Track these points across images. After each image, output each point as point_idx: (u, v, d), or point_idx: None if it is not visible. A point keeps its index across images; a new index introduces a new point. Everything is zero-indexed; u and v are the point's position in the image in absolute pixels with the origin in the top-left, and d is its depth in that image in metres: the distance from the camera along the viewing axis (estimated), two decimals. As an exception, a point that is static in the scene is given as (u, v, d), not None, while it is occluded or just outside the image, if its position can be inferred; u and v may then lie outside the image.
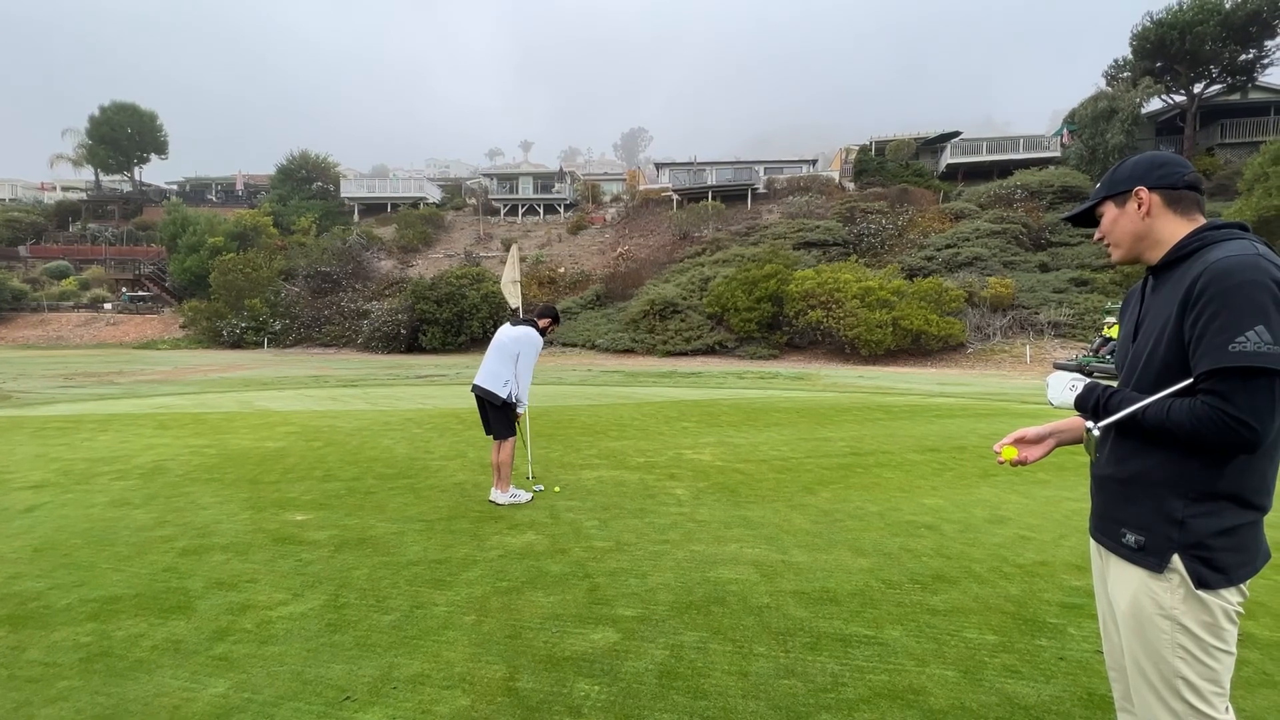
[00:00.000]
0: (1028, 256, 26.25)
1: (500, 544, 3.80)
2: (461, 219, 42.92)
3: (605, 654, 2.52)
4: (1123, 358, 1.47)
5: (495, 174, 48.82)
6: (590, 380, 15.49)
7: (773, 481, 5.31)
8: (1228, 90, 31.26)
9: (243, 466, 5.77)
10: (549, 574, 3.34)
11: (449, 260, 36.19)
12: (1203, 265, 1.24)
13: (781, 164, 44.00)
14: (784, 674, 2.38)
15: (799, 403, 10.71)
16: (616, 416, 8.97)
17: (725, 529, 4.09)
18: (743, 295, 24.43)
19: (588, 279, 32.32)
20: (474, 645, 2.59)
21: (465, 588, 3.16)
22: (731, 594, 3.09)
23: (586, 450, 6.57)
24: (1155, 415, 1.25)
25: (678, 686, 2.30)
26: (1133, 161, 1.42)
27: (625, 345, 25.77)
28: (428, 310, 27.57)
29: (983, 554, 3.65)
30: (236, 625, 2.75)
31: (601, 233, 38.67)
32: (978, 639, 2.65)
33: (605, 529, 4.08)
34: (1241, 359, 1.15)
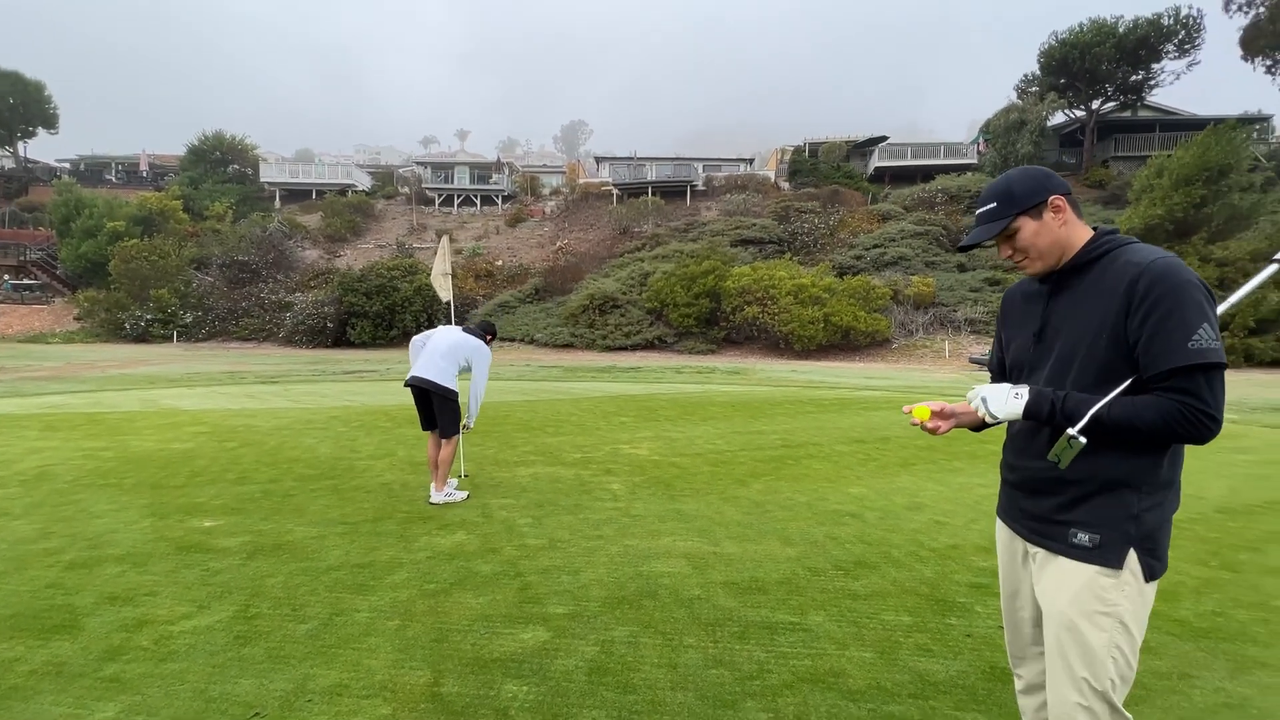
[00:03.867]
0: (947, 257, 27.80)
1: (429, 545, 3.68)
2: (393, 208, 41.29)
3: (535, 653, 2.49)
4: (1023, 359, 1.48)
5: (430, 163, 47.22)
6: (528, 375, 15.27)
7: (707, 475, 5.40)
8: (1121, 108, 34.15)
9: (144, 470, 5.34)
10: (479, 574, 3.27)
11: (380, 251, 34.77)
12: (1136, 267, 1.26)
13: (720, 162, 44.69)
14: (712, 664, 2.42)
15: (734, 397, 10.93)
16: (554, 412, 8.88)
17: (660, 523, 4.12)
18: (682, 291, 24.70)
19: (526, 272, 31.80)
20: (397, 651, 2.49)
21: (390, 592, 3.05)
22: (664, 587, 3.12)
23: (522, 447, 6.47)
24: (1122, 414, 1.23)
25: (607, 682, 2.30)
26: (1026, 175, 1.42)
27: (565, 340, 25.56)
28: (357, 303, 26.40)
29: (901, 539, 3.84)
30: (131, 643, 2.54)
31: (540, 226, 38.13)
32: (894, 621, 2.78)
33: (539, 526, 4.03)
34: (1201, 355, 1.19)
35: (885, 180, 37.06)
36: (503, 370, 16.59)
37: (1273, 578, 3.33)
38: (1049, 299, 1.43)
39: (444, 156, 67.37)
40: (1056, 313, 1.40)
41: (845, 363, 21.84)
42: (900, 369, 19.70)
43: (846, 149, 39.57)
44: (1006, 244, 1.44)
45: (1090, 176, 32.84)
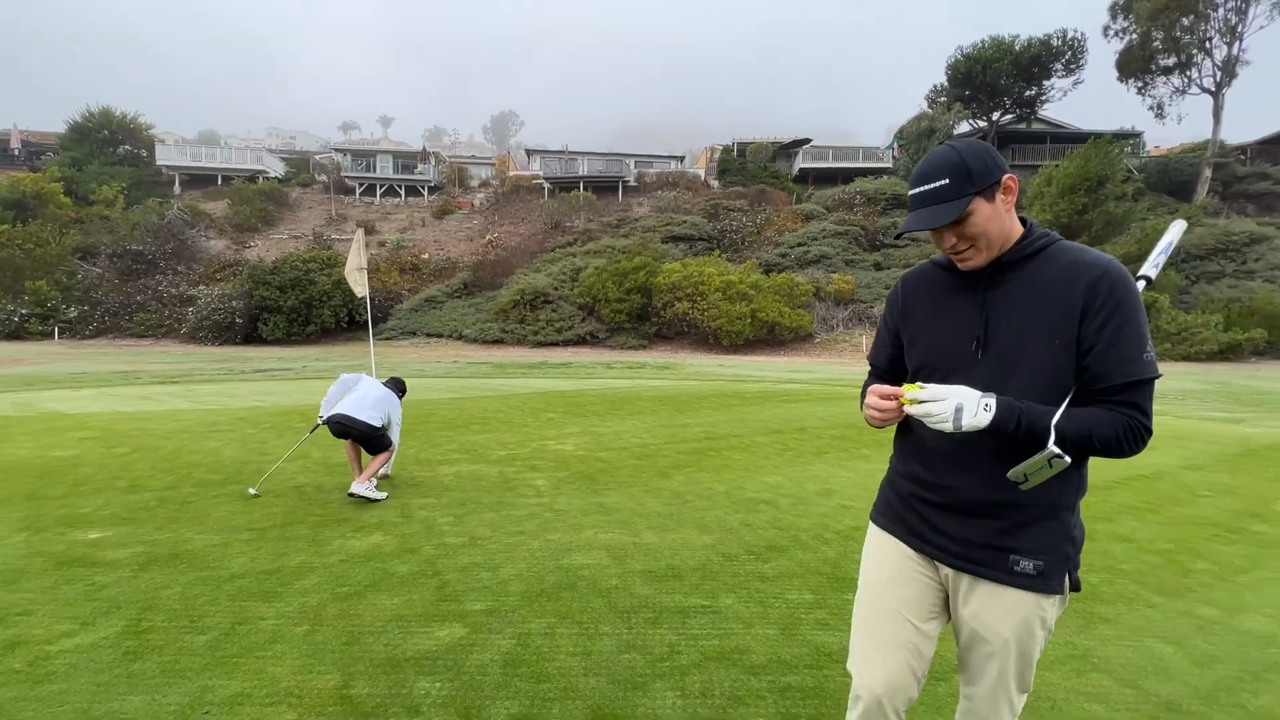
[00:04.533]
0: (865, 256, 29.29)
1: (342, 548, 3.58)
2: (310, 197, 39.09)
3: (449, 650, 2.50)
4: (946, 361, 1.30)
5: (350, 150, 44.97)
6: (455, 373, 14.92)
7: (631, 468, 5.51)
8: (1017, 119, 36.99)
9: (18, 480, 4.88)
10: (395, 575, 3.22)
11: (295, 242, 32.86)
12: (1094, 268, 1.16)
13: (651, 158, 45.04)
14: (626, 649, 2.52)
15: (663, 391, 11.13)
16: (480, 409, 8.75)
17: (582, 516, 4.18)
18: (613, 286, 24.78)
19: (454, 266, 30.95)
20: (305, 657, 2.44)
21: (298, 597, 2.96)
22: (583, 579, 3.19)
23: (446, 445, 6.35)
24: (1080, 429, 1.13)
25: (522, 673, 2.34)
26: (977, 150, 1.22)
27: (495, 336, 25.10)
28: (269, 297, 24.86)
29: (809, 524, 4.08)
30: (2, 666, 2.35)
31: (469, 218, 37.17)
32: (797, 599, 2.97)
33: (459, 525, 4.00)
34: (1152, 368, 1.14)
35: (809, 181, 38.53)
36: (429, 367, 16.12)
37: (1121, 544, 3.78)
38: (984, 295, 1.25)
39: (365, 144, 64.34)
40: (995, 311, 1.24)
41: (770, 357, 22.62)
42: (821, 363, 20.62)
43: (773, 150, 40.82)
44: (952, 231, 1.22)
45: (991, 183, 35.37)
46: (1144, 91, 34.18)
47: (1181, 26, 31.62)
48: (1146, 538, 3.90)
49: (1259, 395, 12.40)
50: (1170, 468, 5.80)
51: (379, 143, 67.06)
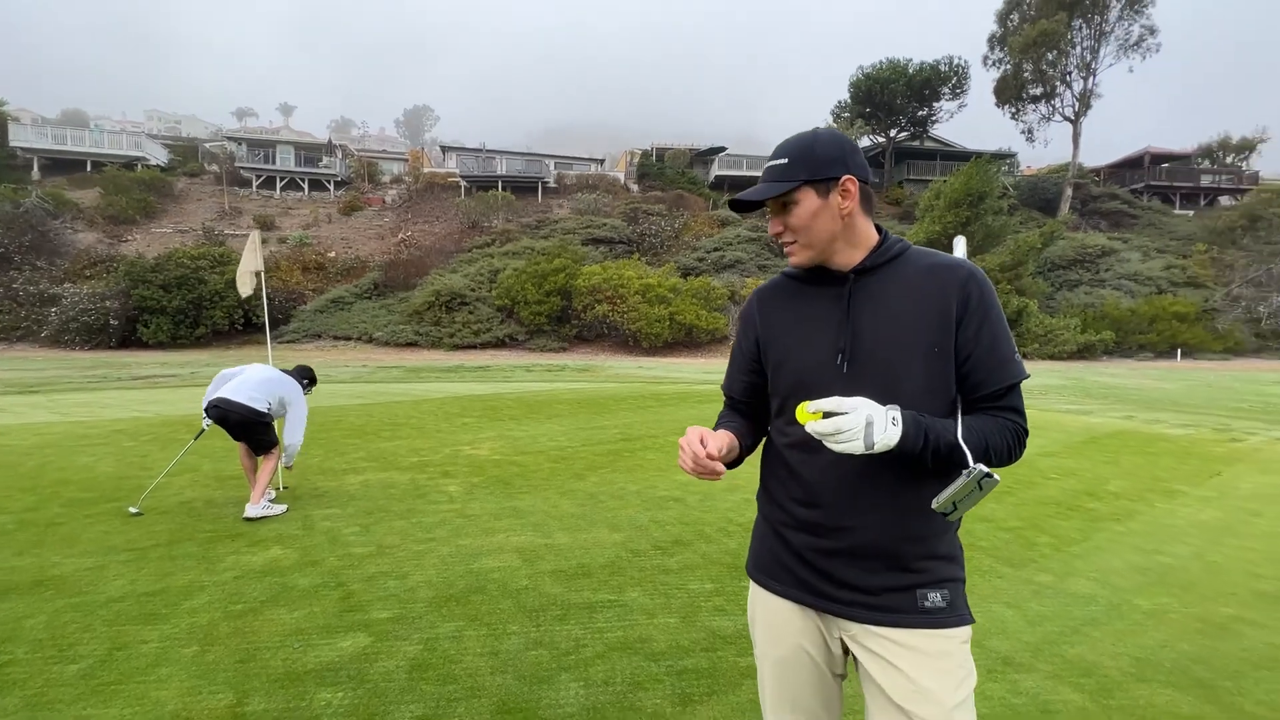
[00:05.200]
0: (778, 262, 30.62)
1: (237, 564, 3.42)
2: (199, 188, 36.02)
3: (353, 660, 2.48)
4: (817, 378, 1.14)
5: (246, 139, 41.77)
6: (365, 377, 14.29)
7: (547, 471, 5.56)
8: (911, 137, 39.98)
9: None
10: (295, 589, 3.13)
11: (181, 237, 30.16)
12: (961, 269, 1.10)
13: (572, 160, 44.92)
14: (533, 646, 2.60)
15: (582, 394, 11.21)
16: (391, 415, 8.48)
17: (495, 520, 4.21)
18: (533, 288, 24.56)
19: (364, 265, 29.51)
20: (194, 678, 2.34)
21: (187, 618, 2.82)
22: (493, 581, 3.23)
23: (352, 454, 6.14)
24: (978, 442, 1.03)
25: (428, 677, 2.37)
26: (834, 140, 1.12)
27: (408, 339, 24.18)
28: (150, 296, 22.70)
29: (715, 518, 4.31)
30: None
31: (380, 216, 35.56)
32: (698, 589, 3.17)
33: (366, 534, 3.92)
34: (1023, 369, 1.10)
35: (724, 188, 39.79)
36: (336, 372, 15.34)
37: (980, 523, 4.26)
38: (849, 303, 1.13)
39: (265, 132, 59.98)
40: (862, 321, 1.12)
41: (688, 359, 23.22)
42: (737, 364, 21.40)
43: (690, 156, 41.84)
44: (779, 217, 1.15)
45: (889, 195, 38.10)
46: (1016, 117, 37.95)
47: (1046, 61, 35.40)
48: (1001, 517, 4.42)
49: (1106, 389, 14.14)
50: (1028, 455, 6.55)
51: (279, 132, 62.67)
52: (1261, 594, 3.22)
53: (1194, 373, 20.26)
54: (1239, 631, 2.81)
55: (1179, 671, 2.47)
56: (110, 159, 35.28)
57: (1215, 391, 14.26)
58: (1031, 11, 36.22)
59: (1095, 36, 35.62)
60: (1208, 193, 41.30)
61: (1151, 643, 2.70)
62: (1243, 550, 3.86)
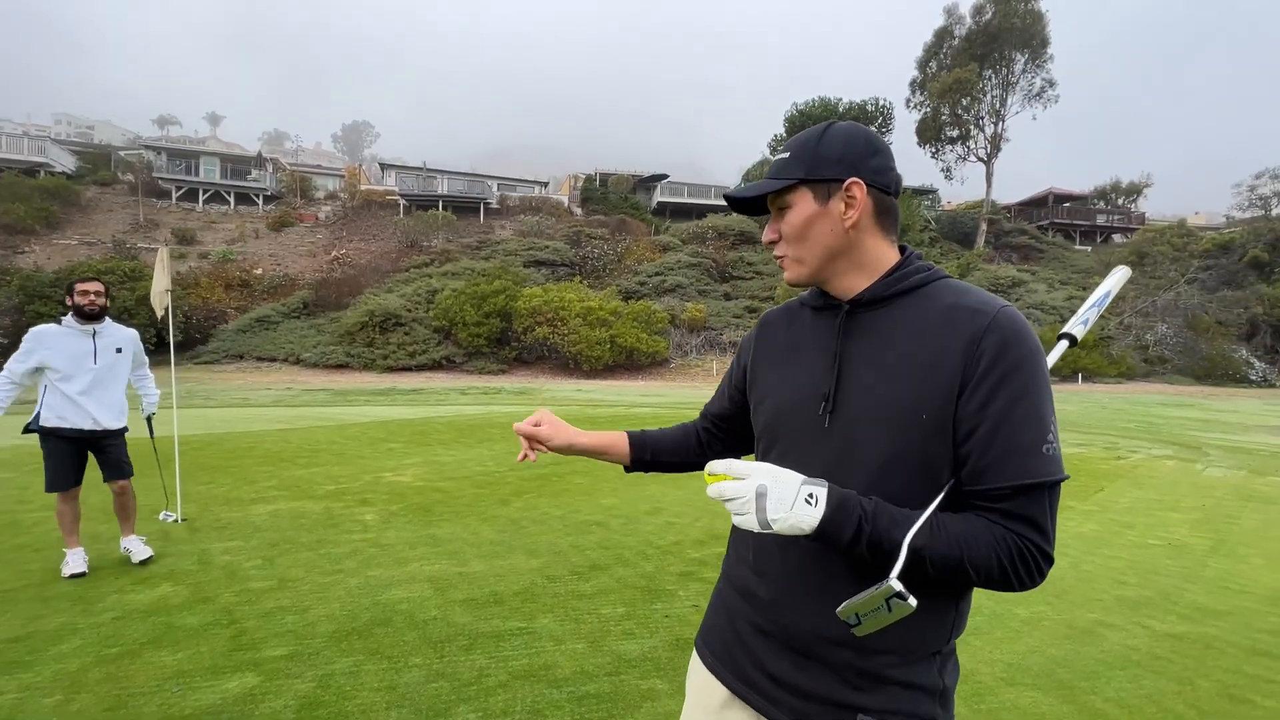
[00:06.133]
0: (716, 286, 31.42)
1: (119, 604, 3.20)
2: (111, 198, 33.79)
3: (237, 701, 2.36)
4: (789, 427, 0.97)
5: (166, 148, 39.59)
6: (287, 400, 13.63)
7: (470, 497, 5.47)
8: (843, 171, 42.11)
9: None
10: (182, 628, 2.95)
11: (88, 249, 28.15)
12: (980, 316, 0.84)
13: (516, 182, 44.85)
14: (434, 678, 2.55)
15: (517, 417, 10.95)
16: (310, 441, 8.13)
17: (409, 549, 4.10)
18: (472, 310, 24.19)
19: (293, 283, 28.33)
20: (54, 729, 2.18)
21: (54, 664, 2.61)
22: (399, 613, 3.15)
23: (264, 482, 5.84)
24: (948, 552, 0.79)
25: (318, 715, 2.29)
26: (847, 135, 0.92)
27: (338, 360, 23.26)
28: (49, 313, 20.91)
29: (635, 541, 4.35)
30: None
31: (313, 232, 34.31)
32: (610, 613, 3.19)
33: (269, 567, 3.74)
34: (1056, 468, 0.80)
35: (666, 214, 40.63)
36: (256, 395, 14.57)
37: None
38: (841, 338, 0.93)
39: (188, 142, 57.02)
40: (851, 364, 0.91)
41: (629, 381, 23.34)
42: (675, 386, 21.69)
43: (633, 182, 42.57)
44: (775, 221, 0.97)
45: (823, 225, 39.94)
46: (936, 156, 40.69)
47: (961, 106, 38.27)
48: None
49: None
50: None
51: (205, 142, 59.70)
52: (1123, 599, 3.53)
53: (1092, 395, 22.00)
54: (1100, 635, 3.07)
55: (1044, 675, 2.68)
56: (8, 164, 32.64)
57: (1108, 413, 15.53)
58: (948, 60, 39.22)
59: (1003, 86, 38.88)
60: (1103, 230, 45.38)
61: (1023, 648, 2.91)
62: (1111, 560, 4.22)
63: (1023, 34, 37.31)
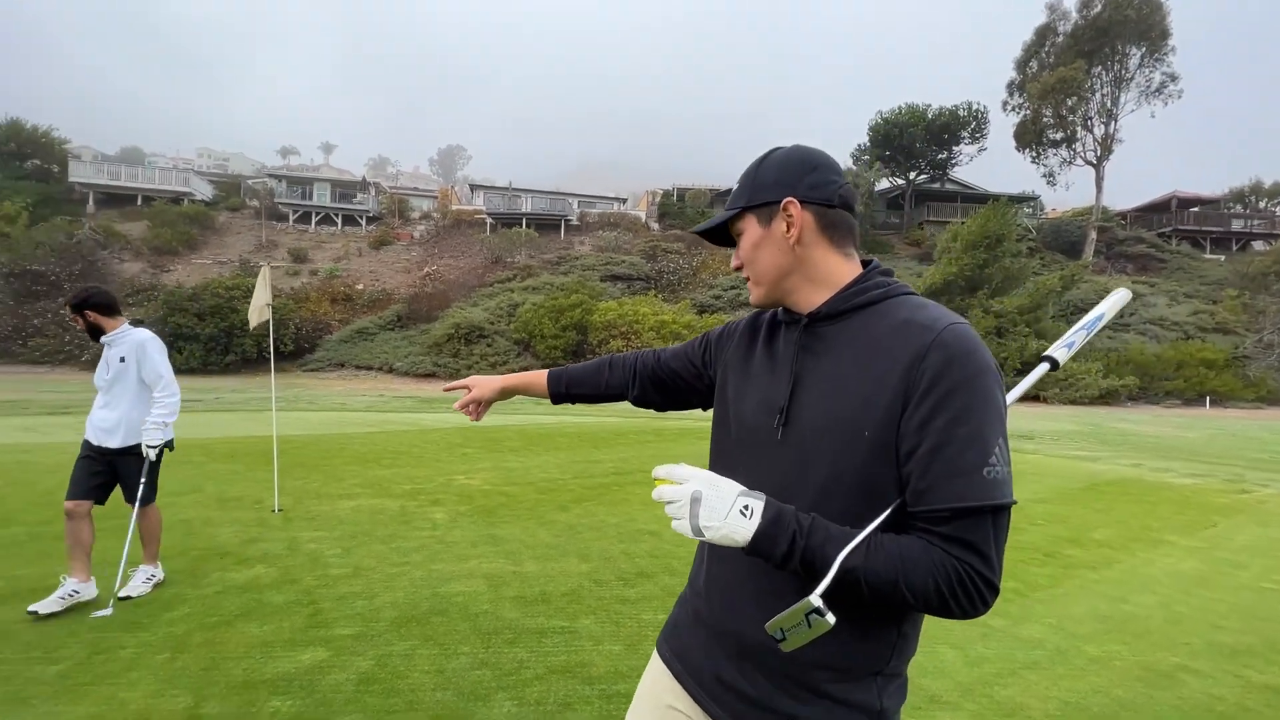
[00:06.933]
0: (794, 300, 30.76)
1: (220, 580, 3.63)
2: (239, 222, 37.78)
3: (307, 672, 2.64)
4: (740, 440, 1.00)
5: (286, 176, 43.91)
6: (378, 406, 14.68)
7: (532, 502, 5.71)
8: (931, 180, 40.26)
9: None
10: (269, 605, 3.31)
11: (220, 268, 31.56)
12: (924, 333, 0.83)
13: (595, 199, 46.14)
14: (478, 666, 2.73)
15: (584, 428, 11.38)
16: (394, 444, 8.74)
17: (471, 547, 4.36)
18: (549, 323, 25.04)
19: (389, 298, 30.46)
20: (160, 682, 2.53)
21: (165, 627, 3.02)
22: (455, 605, 3.38)
23: (350, 480, 6.37)
24: (884, 573, 0.78)
25: (373, 690, 2.52)
26: (785, 159, 0.96)
27: (426, 369, 24.74)
28: (186, 324, 23.76)
29: (685, 552, 4.40)
30: None
31: (408, 250, 36.79)
32: (650, 619, 3.27)
33: (347, 556, 4.10)
34: (997, 492, 0.78)
35: (744, 227, 40.31)
36: (351, 401, 15.79)
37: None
38: (797, 354, 0.95)
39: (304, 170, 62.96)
40: (805, 379, 0.92)
41: (702, 395, 23.26)
42: (749, 401, 21.39)
43: (710, 196, 42.64)
44: (737, 246, 1.01)
45: (909, 236, 38.24)
46: (1037, 160, 38.01)
47: (1066, 107, 35.60)
48: (974, 561, 4.42)
49: (1123, 436, 13.82)
50: (1021, 499, 6.46)
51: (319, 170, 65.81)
52: (1216, 645, 3.20)
53: (1220, 421, 19.64)
54: (1181, 680, 2.81)
55: (1105, 717, 2.49)
56: (160, 194, 37.38)
57: (1238, 441, 13.83)
58: (1050, 59, 36.68)
59: (1115, 83, 35.84)
60: (1239, 237, 40.54)
61: (1086, 687, 2.72)
62: (1211, 602, 3.82)
63: (1138, 26, 34.32)
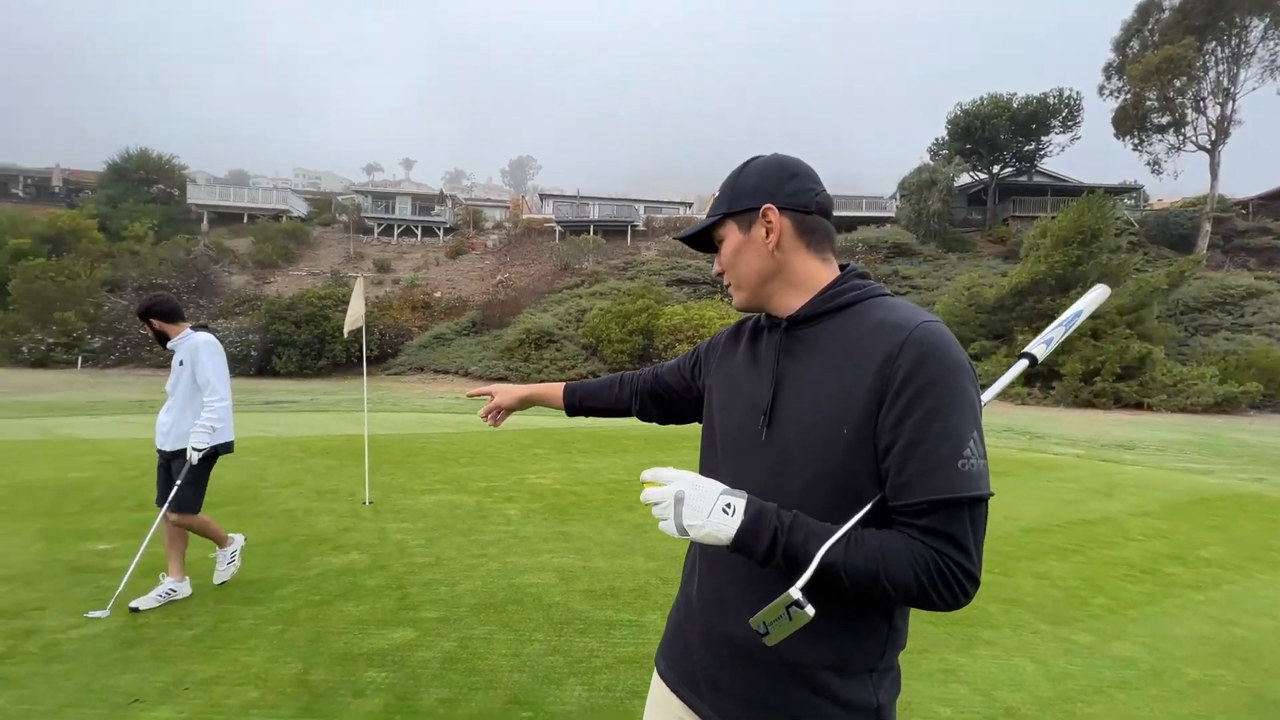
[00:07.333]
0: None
1: (321, 564, 3.99)
2: (330, 236, 40.60)
3: (399, 648, 2.88)
4: (728, 442, 1.02)
5: (371, 192, 46.83)
6: (455, 408, 15.40)
7: (601, 501, 5.88)
8: (1017, 172, 37.93)
9: (38, 499, 5.36)
10: (364, 587, 3.62)
11: (313, 279, 34.01)
12: (896, 332, 0.86)
13: (661, 204, 46.46)
14: (551, 652, 2.89)
15: (651, 430, 11.51)
16: (470, 444, 9.19)
17: (543, 543, 4.56)
18: (616, 328, 25.41)
19: (465, 305, 31.83)
20: (274, 650, 2.83)
21: (277, 603, 3.36)
22: (529, 595, 3.57)
23: (431, 476, 6.77)
24: (865, 566, 0.80)
25: (457, 668, 2.72)
26: (764, 167, 1.00)
27: (499, 373, 25.66)
28: (284, 331, 25.75)
29: (751, 554, 4.42)
30: (19, 649, 2.78)
31: (482, 259, 38.34)
32: (715, 617, 3.33)
33: (430, 547, 4.40)
34: (973, 483, 0.80)
35: (813, 228, 39.38)
36: (430, 403, 16.64)
37: (1033, 579, 4.09)
38: (778, 356, 0.97)
39: (387, 185, 67.04)
40: (786, 382, 0.95)
41: (770, 400, 22.93)
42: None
43: (778, 198, 41.94)
44: (719, 253, 1.05)
45: (993, 232, 36.16)
46: (1140, 148, 34.99)
47: (1174, 88, 32.63)
48: (1059, 575, 4.20)
49: (1242, 448, 12.52)
50: (1116, 513, 6.07)
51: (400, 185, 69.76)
52: (1342, 676, 2.91)
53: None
54: (1296, 710, 2.59)
55: (1203, 742, 2.34)
56: (262, 211, 40.79)
57: (1388, 455, 12.21)
58: (1155, 37, 33.76)
59: (1233, 59, 32.52)
60: (1388, 225, 35.73)
61: (1185, 712, 2.56)
62: (1339, 629, 3.46)
63: (1260, -5, 31.01)
